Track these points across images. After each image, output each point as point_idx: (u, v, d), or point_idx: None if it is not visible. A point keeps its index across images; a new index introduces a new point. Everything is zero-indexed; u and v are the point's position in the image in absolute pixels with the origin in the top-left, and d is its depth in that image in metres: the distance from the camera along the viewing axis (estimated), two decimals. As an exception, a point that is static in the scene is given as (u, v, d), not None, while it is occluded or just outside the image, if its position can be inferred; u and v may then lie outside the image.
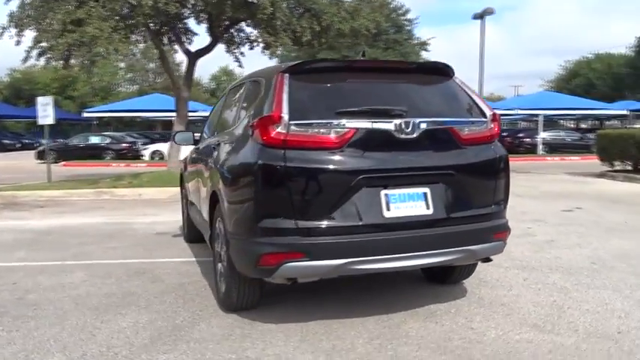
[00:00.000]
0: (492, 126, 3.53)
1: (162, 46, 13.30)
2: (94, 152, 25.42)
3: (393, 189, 3.20)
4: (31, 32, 11.05)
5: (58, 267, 5.18)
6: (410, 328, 3.40)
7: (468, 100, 3.56)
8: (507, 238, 3.61)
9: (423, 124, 3.25)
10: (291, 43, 12.36)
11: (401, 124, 3.19)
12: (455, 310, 3.73)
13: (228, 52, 14.83)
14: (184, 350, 3.11)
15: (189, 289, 4.34)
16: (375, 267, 3.17)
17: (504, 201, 3.59)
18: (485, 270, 4.54)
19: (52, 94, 31.23)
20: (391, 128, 3.19)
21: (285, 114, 3.09)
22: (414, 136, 3.22)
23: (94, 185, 11.52)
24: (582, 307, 3.75)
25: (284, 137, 3.09)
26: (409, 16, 25.99)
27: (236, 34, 14.57)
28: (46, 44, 10.81)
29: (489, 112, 3.53)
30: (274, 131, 3.10)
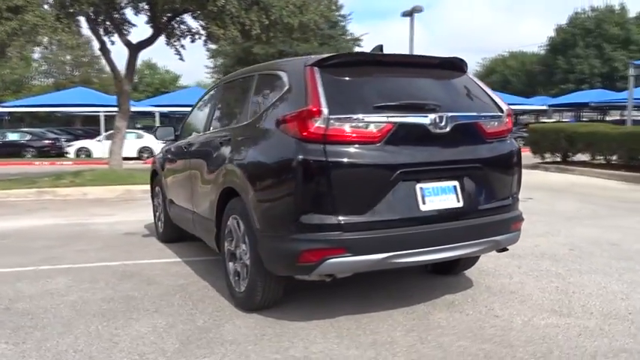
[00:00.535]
0: (507, 120, 3.66)
1: (104, 36, 12.64)
2: (13, 150, 23.87)
3: (426, 183, 3.24)
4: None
5: (34, 272, 4.83)
6: (439, 319, 3.46)
7: (485, 95, 3.67)
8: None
9: (455, 119, 3.32)
10: (240, 36, 12.13)
11: (436, 118, 3.24)
12: (471, 299, 3.83)
13: (169, 44, 14.35)
14: (224, 353, 3.00)
15: (191, 290, 4.18)
16: (413, 260, 3.21)
17: (518, 192, 3.74)
18: (479, 259, 4.70)
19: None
20: (427, 123, 3.23)
21: (325, 108, 3.04)
22: (447, 130, 3.28)
23: (32, 185, 10.78)
24: (585, 291, 3.97)
25: (324, 132, 3.04)
26: (342, 11, 26.45)
27: (177, 26, 14.14)
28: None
29: (505, 107, 3.66)
30: (314, 126, 3.04)
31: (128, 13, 13.55)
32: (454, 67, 3.71)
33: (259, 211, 3.27)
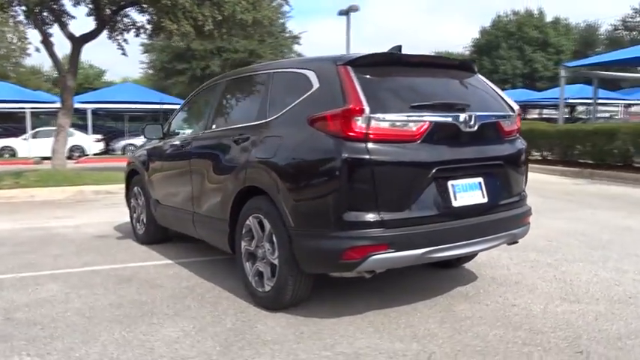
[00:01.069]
0: (517, 120, 3.85)
1: (44, 28, 11.96)
2: None
3: (457, 179, 3.36)
4: None
5: (17, 280, 4.54)
6: (462, 310, 3.59)
7: (498, 95, 3.84)
8: None
9: (481, 118, 3.46)
10: (193, 31, 11.86)
11: (466, 117, 3.36)
12: (483, 290, 4.00)
13: (111, 38, 13.81)
14: (271, 353, 2.98)
15: (200, 292, 4.09)
16: (448, 254, 3.32)
17: (525, 188, 3.95)
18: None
19: None
20: (459, 122, 3.35)
21: (367, 106, 3.09)
22: (475, 129, 3.41)
23: (-30, 187, 10.04)
24: (581, 279, 4.25)
25: (365, 130, 3.08)
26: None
27: (120, 20, 13.63)
28: None
29: (516, 107, 3.85)
30: (356, 124, 3.08)
31: (68, 4, 12.96)
32: (469, 68, 3.85)
33: (295, 209, 3.26)
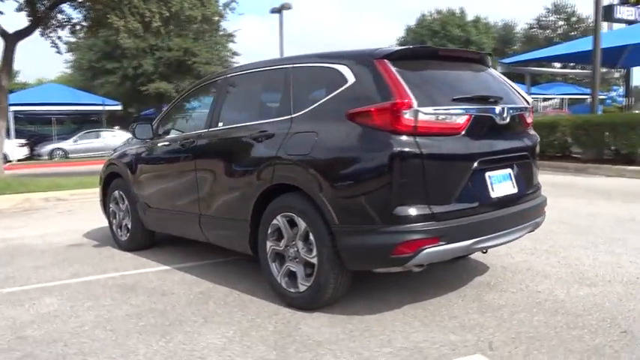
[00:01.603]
0: (531, 112, 3.98)
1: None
2: None
3: (493, 171, 3.43)
4: None
5: (5, 296, 4.20)
6: (493, 299, 3.67)
7: (514, 88, 3.95)
8: None
9: (511, 110, 3.55)
10: (141, 28, 11.38)
11: (501, 110, 3.44)
12: (501, 279, 4.11)
13: (43, 35, 13.03)
14: (333, 353, 2.91)
15: (219, 297, 3.93)
16: (490, 244, 3.39)
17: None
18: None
19: None
20: (495, 114, 3.42)
21: (414, 100, 3.08)
22: (507, 121, 3.49)
23: None
24: (585, 263, 4.45)
25: (414, 124, 3.08)
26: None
27: (54, 16, 12.88)
28: None
29: (530, 99, 3.98)
30: (405, 118, 3.06)
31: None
32: (486, 61, 3.94)
33: (341, 206, 3.20)
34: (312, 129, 3.46)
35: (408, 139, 3.07)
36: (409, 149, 3.05)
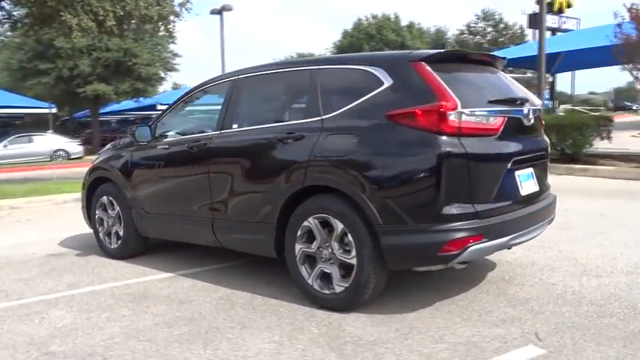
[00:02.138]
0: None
1: None
2: None
3: (520, 170, 3.58)
4: None
5: (6, 311, 3.93)
6: (516, 293, 3.83)
7: (526, 90, 4.13)
8: None
9: (534, 112, 3.72)
10: (95, 26, 10.92)
11: (527, 111, 3.60)
12: (513, 274, 4.27)
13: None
14: (393, 352, 2.95)
15: (244, 302, 3.86)
16: (522, 240, 3.54)
17: None
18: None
19: None
20: (523, 115, 3.57)
21: (459, 102, 3.17)
22: (532, 122, 3.66)
23: None
24: (580, 256, 4.71)
25: (458, 125, 3.17)
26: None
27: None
28: None
29: (539, 101, 4.18)
30: (450, 119, 3.15)
31: None
32: (499, 65, 4.09)
33: (386, 206, 3.24)
34: (348, 130, 3.48)
35: (454, 140, 3.16)
36: (456, 150, 3.15)
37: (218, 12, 31.60)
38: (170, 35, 22.46)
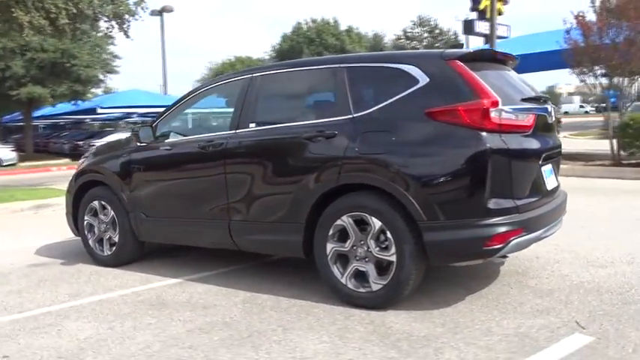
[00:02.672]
0: None
1: None
2: None
3: (545, 166, 3.72)
4: None
5: (14, 324, 3.68)
6: (537, 285, 3.97)
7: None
8: None
9: (554, 109, 3.88)
10: (48, 24, 10.35)
11: (550, 109, 3.74)
12: (525, 267, 4.42)
13: None
14: (451, 344, 2.98)
15: (271, 304, 3.79)
16: (550, 233, 3.68)
17: None
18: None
19: None
20: (547, 112, 3.72)
21: (500, 99, 3.25)
22: (553, 119, 3.81)
23: None
24: (577, 249, 4.93)
25: (499, 122, 3.26)
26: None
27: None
28: None
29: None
30: (492, 116, 3.23)
31: None
32: (511, 65, 4.23)
33: (430, 202, 3.27)
34: (384, 128, 3.49)
35: (496, 136, 3.25)
36: (499, 146, 3.24)
37: (158, 13, 30.85)
38: (126, 35, 21.71)
